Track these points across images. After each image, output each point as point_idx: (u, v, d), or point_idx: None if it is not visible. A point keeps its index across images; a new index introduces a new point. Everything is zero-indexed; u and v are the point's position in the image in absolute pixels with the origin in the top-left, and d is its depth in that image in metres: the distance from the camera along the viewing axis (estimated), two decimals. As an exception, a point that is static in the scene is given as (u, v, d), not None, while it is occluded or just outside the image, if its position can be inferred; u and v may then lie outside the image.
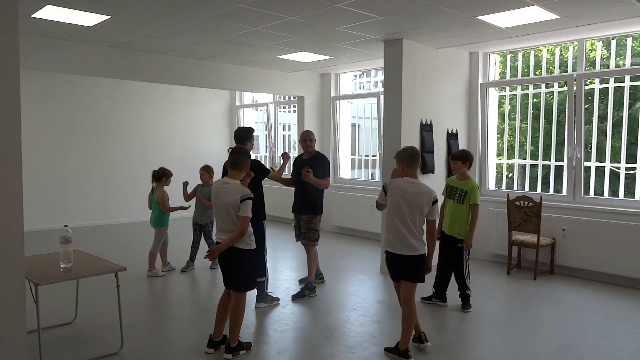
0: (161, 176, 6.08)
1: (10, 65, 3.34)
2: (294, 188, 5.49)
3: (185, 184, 6.40)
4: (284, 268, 6.58)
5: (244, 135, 4.94)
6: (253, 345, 3.97)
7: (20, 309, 3.40)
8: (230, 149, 3.97)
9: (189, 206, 6.21)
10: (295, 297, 5.21)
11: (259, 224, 4.72)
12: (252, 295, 5.03)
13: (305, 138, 5.43)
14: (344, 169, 9.35)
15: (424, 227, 3.78)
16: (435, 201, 3.76)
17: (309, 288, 5.32)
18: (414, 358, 3.72)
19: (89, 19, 5.38)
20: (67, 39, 6.33)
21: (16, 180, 3.38)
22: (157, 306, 5.20)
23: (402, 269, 3.78)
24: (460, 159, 4.82)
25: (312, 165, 5.22)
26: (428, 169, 6.49)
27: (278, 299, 5.10)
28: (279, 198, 9.70)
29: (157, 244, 6.07)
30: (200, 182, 6.42)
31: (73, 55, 6.47)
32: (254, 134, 5.09)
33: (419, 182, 3.78)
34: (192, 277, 6.08)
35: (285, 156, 5.47)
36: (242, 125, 6.17)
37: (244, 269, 3.77)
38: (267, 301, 4.98)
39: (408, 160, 3.78)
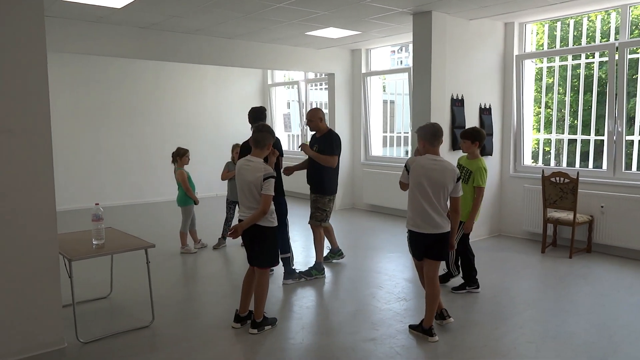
0: (175, 156, 6.16)
1: (38, 49, 3.44)
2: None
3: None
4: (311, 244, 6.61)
5: (256, 116, 4.95)
6: (278, 321, 4.04)
7: (55, 283, 3.58)
8: (254, 127, 3.99)
9: (198, 202, 6.25)
10: (303, 275, 5.14)
11: (280, 199, 4.75)
12: (279, 272, 5.12)
13: (308, 118, 5.22)
14: (376, 147, 9.25)
15: (447, 203, 3.71)
16: (459, 178, 3.68)
17: (316, 269, 5.22)
18: (438, 335, 3.70)
19: (118, 0, 5.46)
20: (97, 22, 6.45)
21: (46, 161, 3.52)
22: (188, 282, 5.35)
23: (427, 248, 3.73)
24: (469, 138, 4.56)
25: (321, 142, 5.12)
26: (458, 145, 6.32)
27: (305, 277, 5.12)
28: (298, 174, 9.68)
29: (186, 222, 6.20)
30: (230, 160, 6.49)
31: (103, 38, 6.59)
32: (284, 112, 5.08)
33: (442, 159, 3.69)
34: (224, 254, 6.21)
35: (305, 147, 5.25)
36: (259, 105, 6.16)
37: (266, 246, 3.81)
38: (294, 277, 5.03)
39: (431, 138, 3.69)
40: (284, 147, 11.13)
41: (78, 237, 4.18)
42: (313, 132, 5.34)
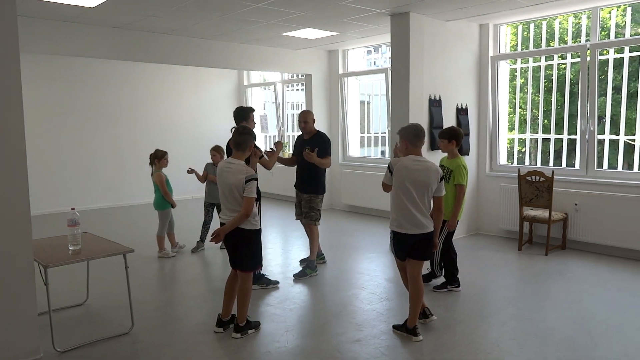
0: (154, 158, 6.04)
1: (10, 49, 3.32)
2: (295, 167, 5.44)
3: (192, 171, 6.37)
4: (292, 247, 6.59)
5: (241, 115, 4.91)
6: (262, 324, 3.99)
7: (30, 290, 3.45)
8: (234, 129, 3.94)
9: (175, 206, 6.14)
10: (297, 276, 5.20)
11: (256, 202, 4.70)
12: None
13: (300, 120, 5.29)
14: (353, 147, 9.28)
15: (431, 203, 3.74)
16: (442, 177, 3.71)
17: (310, 267, 5.29)
18: (422, 335, 3.72)
19: (91, 0, 5.33)
20: (70, 21, 6.28)
21: (21, 164, 3.40)
22: (168, 286, 5.25)
23: (411, 248, 3.74)
24: (446, 137, 4.61)
25: (313, 144, 5.16)
26: (437, 145, 6.38)
27: (277, 282, 5.01)
28: (280, 176, 9.68)
29: (163, 226, 6.09)
30: (210, 162, 6.40)
31: (77, 38, 6.43)
32: (261, 113, 5.06)
33: (425, 159, 3.71)
34: (202, 258, 6.12)
35: (278, 145, 5.22)
36: (242, 105, 6.11)
37: (249, 249, 3.77)
38: (261, 283, 4.90)
39: (413, 139, 3.70)
40: (263, 148, 11.05)
41: (53, 242, 4.05)
42: (300, 134, 5.40)
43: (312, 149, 5.10)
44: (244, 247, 3.76)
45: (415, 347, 3.61)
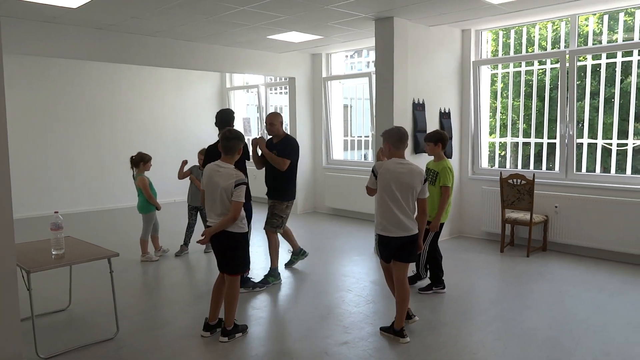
0: (139, 161, 5.97)
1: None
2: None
3: (184, 163, 6.36)
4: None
5: (224, 119, 4.89)
6: (250, 328, 3.98)
7: (13, 296, 3.38)
8: (221, 134, 3.88)
9: (160, 208, 6.07)
10: (259, 284, 5.01)
11: (247, 204, 4.68)
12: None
13: (267, 121, 5.16)
14: (337, 151, 9.31)
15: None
16: (426, 180, 3.76)
17: (272, 275, 5.13)
18: (409, 336, 3.75)
19: (73, 0, 5.25)
20: (52, 22, 6.18)
21: (3, 167, 3.34)
22: (152, 291, 5.19)
23: (396, 251, 3.77)
24: (432, 140, 4.68)
25: (280, 148, 5.07)
26: (421, 148, 6.46)
27: (262, 285, 4.98)
28: (253, 179, 9.64)
29: (147, 230, 6.02)
30: (196, 164, 6.36)
31: (59, 39, 6.32)
32: (243, 116, 5.06)
33: (408, 162, 3.74)
34: (187, 261, 6.07)
35: (254, 142, 5.20)
36: (224, 108, 6.09)
37: (237, 252, 3.75)
38: (247, 286, 4.88)
39: (397, 142, 3.73)
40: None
41: (36, 246, 3.97)
42: (270, 137, 5.26)
43: (278, 153, 5.02)
44: (231, 251, 3.73)
45: (403, 349, 3.64)
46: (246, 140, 11.22)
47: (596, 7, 5.83)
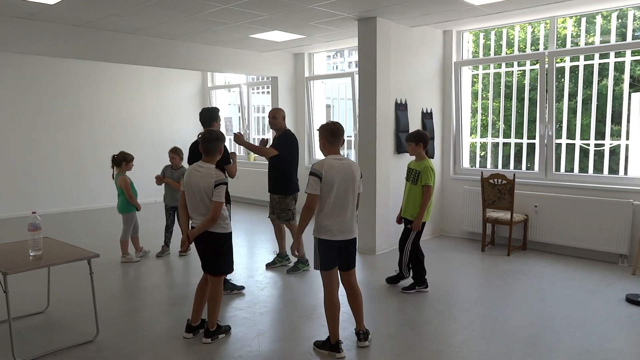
0: (121, 161, 5.87)
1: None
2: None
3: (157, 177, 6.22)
4: (260, 250, 6.54)
5: (209, 116, 4.90)
6: (233, 329, 3.94)
7: (-12, 299, 3.29)
8: (201, 135, 3.81)
9: (140, 209, 5.98)
10: (290, 272, 5.41)
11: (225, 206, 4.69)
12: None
13: (269, 115, 5.48)
14: (319, 151, 9.28)
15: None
16: (362, 175, 3.61)
17: (301, 262, 5.45)
18: (396, 336, 3.75)
19: (51, -4, 5.15)
20: (28, 18, 6.04)
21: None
22: (133, 292, 5.11)
23: (341, 256, 3.54)
24: (413, 140, 4.70)
25: (277, 142, 5.36)
26: (403, 148, 6.49)
27: (242, 287, 4.93)
28: (252, 180, 9.64)
29: (127, 230, 5.92)
30: (168, 164, 6.26)
31: (35, 35, 6.19)
32: (225, 115, 5.04)
33: (345, 157, 3.53)
34: (168, 262, 5.99)
35: (262, 141, 5.48)
36: (207, 106, 6.07)
37: (221, 253, 3.71)
38: (225, 288, 4.72)
39: (330, 137, 3.48)
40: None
41: (12, 247, 3.87)
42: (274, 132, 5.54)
43: (275, 145, 5.33)
44: (214, 251, 3.70)
45: (387, 348, 3.65)
46: (228, 140, 11.12)
47: (574, 10, 5.94)
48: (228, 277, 4.94)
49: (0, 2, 5.31)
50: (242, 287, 4.94)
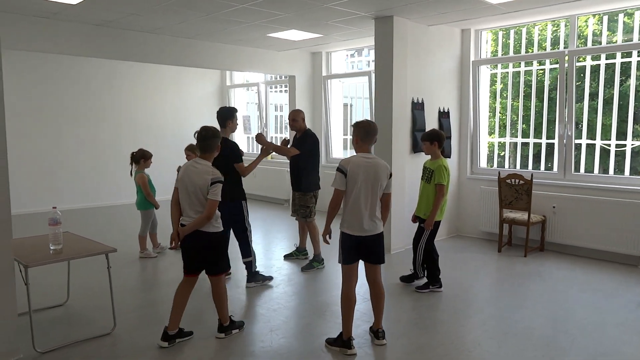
0: (140, 158, 5.97)
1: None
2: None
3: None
4: (276, 247, 6.59)
5: (226, 115, 4.94)
6: (246, 324, 3.99)
7: (10, 290, 3.40)
8: (196, 134, 3.76)
9: (159, 207, 6.05)
10: (305, 269, 5.47)
11: (237, 203, 4.80)
12: (243, 276, 5.08)
13: (289, 117, 5.56)
14: (336, 149, 9.32)
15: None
16: (391, 174, 3.61)
17: (316, 260, 5.55)
18: (404, 335, 3.75)
19: (73, -4, 5.27)
20: (51, 18, 6.18)
21: (1, 163, 3.35)
22: (150, 287, 5.20)
23: (364, 252, 3.60)
24: (428, 139, 4.71)
25: (300, 142, 5.41)
26: (419, 147, 6.47)
27: (271, 278, 5.12)
28: (271, 178, 9.71)
29: (145, 226, 6.03)
30: (186, 162, 6.33)
31: (57, 35, 6.33)
32: (244, 114, 5.10)
33: (374, 156, 3.59)
34: (185, 258, 6.07)
35: (284, 141, 5.52)
36: (225, 105, 6.17)
37: (216, 252, 3.68)
38: (257, 280, 5.01)
39: (364, 135, 3.56)
40: (245, 149, 11.03)
41: (34, 242, 3.98)
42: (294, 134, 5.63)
43: (296, 146, 5.39)
44: (209, 251, 3.64)
45: (398, 346, 3.66)
46: (246, 138, 11.16)
47: (596, 8, 5.84)
48: (258, 268, 5.10)
49: (24, 2, 5.44)
50: (271, 277, 5.13)
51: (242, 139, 11.14)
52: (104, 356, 3.52)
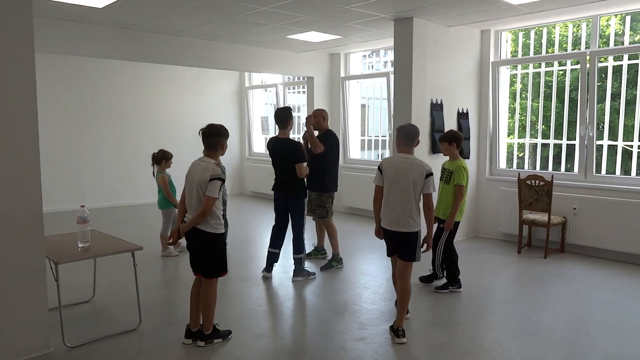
0: (161, 159, 6.08)
1: (26, 50, 3.39)
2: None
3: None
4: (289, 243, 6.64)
5: (285, 116, 5.08)
6: (266, 322, 4.04)
7: (42, 286, 3.52)
8: (201, 131, 3.78)
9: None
10: (324, 269, 5.53)
11: (301, 201, 5.06)
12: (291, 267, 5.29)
13: (312, 115, 5.60)
14: (354, 150, 9.36)
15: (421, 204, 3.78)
16: (430, 174, 3.71)
17: (335, 260, 5.61)
18: (424, 334, 3.78)
19: (100, 0, 5.39)
20: (77, 21, 6.34)
21: (34, 163, 3.47)
22: (172, 284, 5.31)
23: (396, 246, 3.84)
24: (447, 140, 4.74)
25: (321, 141, 5.44)
26: (438, 148, 6.47)
27: (314, 273, 5.31)
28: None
29: (167, 225, 6.14)
30: (194, 160, 6.44)
31: (82, 37, 6.48)
32: (262, 114, 5.22)
33: (412, 156, 3.79)
34: (205, 257, 6.17)
35: (308, 120, 5.61)
36: (281, 106, 6.30)
37: (210, 253, 3.62)
38: (303, 275, 5.19)
39: (404, 138, 3.85)
40: (263, 149, 11.13)
41: (63, 239, 4.10)
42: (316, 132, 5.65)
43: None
44: (204, 252, 3.62)
45: (419, 345, 3.69)
46: (264, 139, 11.21)
47: (618, 8, 5.79)
48: (306, 264, 5.33)
49: (50, 6, 5.58)
50: (315, 273, 5.33)
51: (260, 139, 11.26)
52: (131, 351, 3.62)
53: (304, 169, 4.97)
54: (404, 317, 3.81)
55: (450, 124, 6.67)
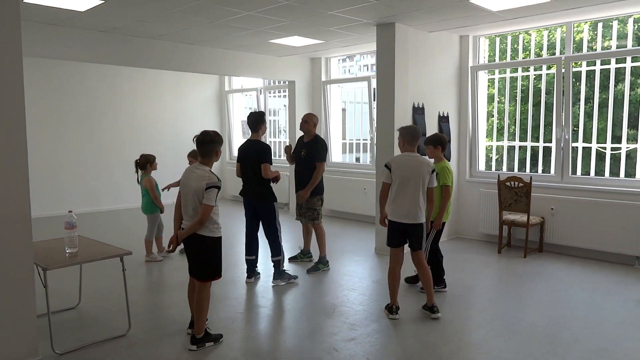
0: (145, 163, 6.06)
1: (13, 53, 3.36)
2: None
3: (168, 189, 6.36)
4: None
5: (257, 120, 5.15)
6: (256, 325, 4.07)
7: (30, 293, 3.47)
8: (195, 138, 3.78)
9: (164, 210, 6.12)
10: (310, 271, 5.57)
11: (270, 204, 5.07)
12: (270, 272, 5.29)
13: (302, 119, 5.67)
14: (336, 153, 9.43)
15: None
16: (434, 170, 4.24)
17: (322, 262, 5.69)
18: (413, 334, 3.86)
19: (82, 3, 5.33)
20: (57, 24, 6.25)
21: (22, 168, 3.43)
22: (158, 289, 5.27)
23: (405, 238, 4.20)
24: (432, 143, 4.87)
25: (309, 147, 5.50)
26: (421, 151, 6.59)
27: (296, 277, 5.30)
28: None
29: (152, 230, 6.09)
30: (188, 167, 6.41)
31: (63, 41, 6.39)
32: (241, 119, 5.28)
33: (417, 154, 4.25)
34: (190, 261, 6.14)
35: (287, 149, 5.78)
36: (254, 110, 6.33)
37: (207, 257, 3.65)
38: (284, 279, 5.18)
39: (410, 139, 4.23)
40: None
41: (49, 245, 4.06)
42: (301, 135, 5.72)
43: (308, 151, 5.48)
44: (200, 254, 3.66)
45: (409, 344, 3.77)
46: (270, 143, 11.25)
47: (590, 15, 6.01)
48: (291, 268, 5.43)
49: (32, 9, 5.50)
50: (296, 277, 5.32)
51: (240, 143, 11.24)
52: (121, 357, 3.59)
53: (270, 171, 4.99)
54: (433, 294, 4.30)
55: (432, 127, 6.80)
